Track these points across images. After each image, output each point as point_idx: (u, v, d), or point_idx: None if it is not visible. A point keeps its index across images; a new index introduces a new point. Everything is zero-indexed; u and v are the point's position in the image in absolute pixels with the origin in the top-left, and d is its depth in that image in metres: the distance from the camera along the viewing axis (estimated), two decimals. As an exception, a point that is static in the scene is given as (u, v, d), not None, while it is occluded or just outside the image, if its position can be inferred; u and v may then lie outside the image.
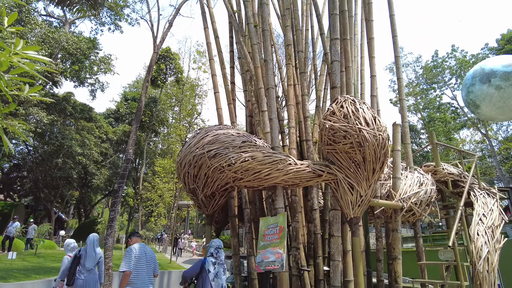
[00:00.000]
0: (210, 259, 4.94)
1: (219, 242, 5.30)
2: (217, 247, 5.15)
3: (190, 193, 6.82)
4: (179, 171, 6.66)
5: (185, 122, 27.89)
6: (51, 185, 24.89)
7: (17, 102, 15.94)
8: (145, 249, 5.07)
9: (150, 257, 5.07)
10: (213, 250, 5.11)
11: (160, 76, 26.50)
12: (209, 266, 4.81)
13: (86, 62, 23.77)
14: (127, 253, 4.87)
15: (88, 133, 24.18)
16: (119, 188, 10.04)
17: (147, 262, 4.97)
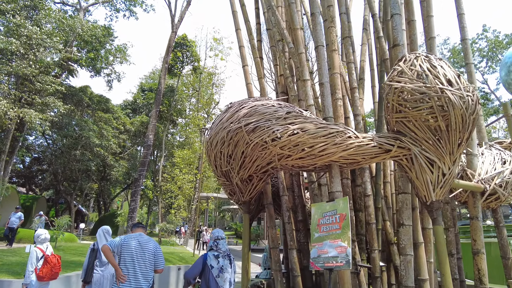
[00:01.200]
0: (211, 253, 4.25)
1: (219, 232, 4.61)
2: (215, 238, 4.42)
3: (221, 177, 5.92)
4: (209, 151, 5.76)
5: (203, 113, 27.15)
6: (70, 178, 24.70)
7: (33, 91, 15.46)
8: (142, 239, 4.24)
9: (147, 249, 4.20)
10: (212, 243, 4.40)
11: (177, 65, 25.73)
12: (211, 261, 4.14)
13: (102, 51, 23.25)
14: (117, 238, 4.21)
15: (106, 124, 23.74)
16: (139, 176, 9.33)
17: (141, 255, 4.12)
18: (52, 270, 5.05)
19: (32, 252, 5.07)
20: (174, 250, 16.17)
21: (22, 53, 14.56)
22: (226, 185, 6.13)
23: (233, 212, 57.92)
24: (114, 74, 25.95)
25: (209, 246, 4.40)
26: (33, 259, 4.98)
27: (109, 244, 4.01)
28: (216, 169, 5.76)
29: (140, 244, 4.14)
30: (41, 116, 14.79)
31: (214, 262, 4.10)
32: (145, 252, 4.13)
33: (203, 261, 4.11)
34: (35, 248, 5.17)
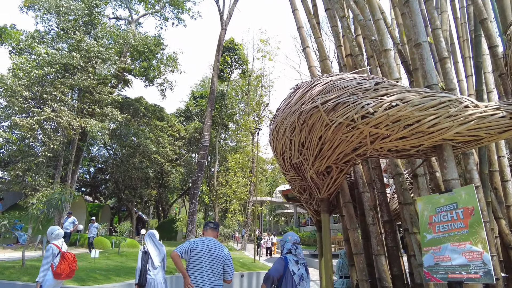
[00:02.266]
0: (291, 257, 3.72)
1: (297, 236, 4.06)
2: (294, 242, 3.90)
3: (290, 172, 5.13)
4: (274, 142, 5.01)
5: (254, 116, 26.75)
6: (130, 186, 25.68)
7: (93, 102, 16.12)
8: (212, 245, 3.78)
9: (216, 256, 3.70)
10: (291, 245, 3.85)
11: (226, 69, 25.71)
12: (292, 266, 3.62)
13: (154, 61, 23.96)
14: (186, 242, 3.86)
15: (161, 132, 24.34)
16: (197, 178, 8.96)
17: (210, 263, 3.65)
18: (70, 267, 4.86)
19: (48, 249, 4.83)
20: (233, 256, 15.72)
21: (82, 66, 15.25)
22: (295, 182, 5.32)
23: (288, 217, 56.95)
24: (166, 83, 26.60)
25: (286, 249, 3.81)
26: (49, 256, 4.77)
27: (178, 250, 3.64)
28: (283, 162, 4.99)
29: (210, 250, 3.67)
30: (101, 125, 15.32)
31: (295, 268, 3.57)
32: (215, 259, 3.65)
33: (284, 264, 3.57)
34: (50, 245, 4.95)
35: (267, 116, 27.28)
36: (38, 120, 13.37)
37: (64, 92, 14.65)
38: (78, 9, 16.93)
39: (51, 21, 17.86)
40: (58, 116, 13.67)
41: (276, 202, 42.74)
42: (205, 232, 4.05)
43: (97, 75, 16.79)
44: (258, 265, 12.84)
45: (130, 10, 22.13)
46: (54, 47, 15.90)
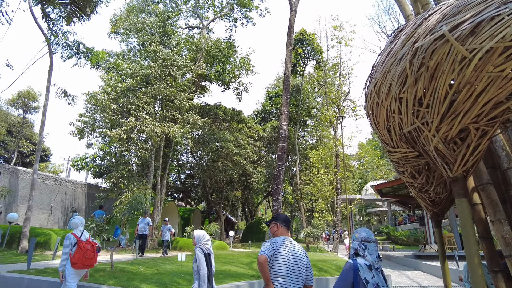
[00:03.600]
0: (362, 261, 2.76)
1: (366, 232, 3.04)
2: (363, 239, 2.88)
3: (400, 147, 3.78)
4: (372, 110, 3.69)
5: (333, 108, 25.01)
6: (217, 189, 26.23)
7: (174, 109, 16.58)
8: (293, 246, 3.21)
9: (301, 260, 3.15)
10: (358, 245, 2.88)
11: (299, 62, 24.61)
12: (364, 273, 2.67)
13: (229, 66, 24.17)
14: (264, 244, 3.19)
15: (240, 134, 24.35)
16: (279, 173, 8.12)
17: (295, 268, 3.09)
18: (85, 256, 4.75)
19: (66, 239, 4.81)
20: (325, 258, 14.43)
21: (160, 74, 15.82)
22: (406, 161, 3.95)
23: (381, 215, 52.71)
24: (241, 86, 26.65)
25: (353, 250, 2.90)
26: (66, 246, 4.76)
27: (266, 253, 3.01)
28: (388, 136, 3.68)
29: (293, 253, 3.08)
30: (183, 130, 15.64)
31: (368, 275, 2.64)
32: (299, 263, 3.08)
33: (353, 272, 2.68)
34: (68, 234, 4.92)
35: (349, 106, 25.26)
36: (125, 130, 14.14)
37: (146, 102, 15.32)
38: (153, 22, 17.75)
39: (132, 38, 19.13)
40: (143, 125, 14.28)
41: (366, 200, 39.63)
42: (279, 229, 3.31)
43: (176, 84, 17.31)
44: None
45: (201, 18, 22.66)
46: (135, 61, 16.86)
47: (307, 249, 21.66)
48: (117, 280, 6.19)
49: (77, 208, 18.91)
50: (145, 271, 7.61)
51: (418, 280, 11.66)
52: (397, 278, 12.19)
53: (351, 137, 28.01)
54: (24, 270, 6.43)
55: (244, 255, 13.31)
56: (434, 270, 12.93)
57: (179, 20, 23.25)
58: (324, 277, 8.96)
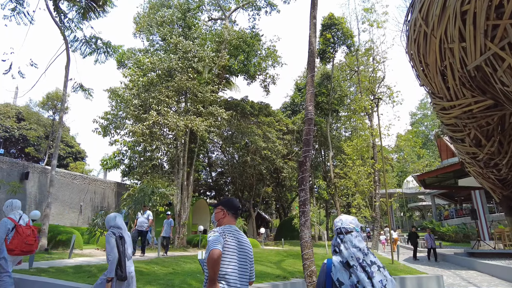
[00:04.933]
0: (336, 259, 2.12)
1: (342, 220, 2.32)
2: (338, 231, 2.25)
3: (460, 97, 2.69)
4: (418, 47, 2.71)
5: (369, 95, 23.31)
6: (247, 185, 25.52)
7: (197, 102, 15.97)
8: (240, 236, 2.68)
9: (247, 252, 2.63)
10: (335, 240, 2.23)
11: (328, 48, 23.17)
12: (338, 273, 2.05)
13: (255, 59, 23.29)
14: (211, 234, 2.54)
15: (269, 127, 23.41)
16: (304, 159, 7.11)
17: (241, 261, 2.54)
18: (24, 242, 4.33)
19: (1, 224, 4.29)
20: (364, 256, 13.12)
21: (181, 66, 15.26)
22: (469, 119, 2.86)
23: (423, 210, 49.47)
24: (269, 78, 25.67)
25: (332, 247, 2.28)
26: (1, 231, 4.23)
27: (218, 245, 2.40)
28: (443, 82, 2.62)
29: (241, 246, 2.60)
30: (206, 123, 14.98)
31: (343, 275, 2.03)
32: (246, 258, 2.61)
33: (326, 273, 2.16)
34: (4, 218, 4.41)
35: (384, 92, 23.44)
36: (148, 125, 13.70)
37: (168, 96, 14.83)
38: (172, 15, 17.27)
39: (154, 34, 18.81)
40: (165, 119, 13.77)
41: (408, 194, 37.16)
42: (226, 217, 2.74)
43: (199, 77, 16.71)
44: (399, 267, 10.01)
45: (223, 9, 21.96)
46: (156, 55, 16.45)
47: (344, 246, 20.25)
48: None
49: (107, 207, 18.92)
50: (159, 271, 6.91)
51: (475, 282, 10.07)
52: (448, 278, 10.66)
53: (389, 125, 26.04)
54: (24, 270, 5.93)
55: (274, 253, 12.37)
56: (493, 269, 11.21)
57: (202, 14, 22.74)
58: (363, 278, 7.82)
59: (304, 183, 7.05)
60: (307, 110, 7.65)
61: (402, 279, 7.71)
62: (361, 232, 20.85)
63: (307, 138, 7.49)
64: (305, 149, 7.28)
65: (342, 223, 2.21)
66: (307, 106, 7.71)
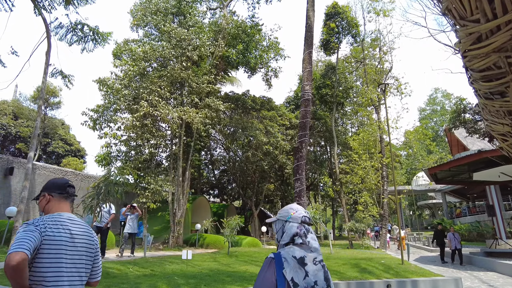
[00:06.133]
0: (290, 253, 1.60)
1: (304, 209, 1.81)
2: (303, 219, 1.71)
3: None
4: None
5: (375, 86, 22.21)
6: (249, 182, 24.62)
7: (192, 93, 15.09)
8: (74, 226, 1.91)
9: (83, 247, 1.92)
10: (297, 227, 1.71)
11: (332, 38, 22.10)
12: (292, 271, 1.54)
13: (256, 52, 22.36)
14: (21, 228, 1.76)
15: (271, 122, 22.45)
16: (300, 145, 6.19)
17: (73, 259, 1.84)
18: None
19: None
20: (372, 255, 12.07)
21: (174, 55, 14.40)
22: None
23: (433, 208, 47.87)
24: (270, 72, 24.70)
25: (289, 237, 1.68)
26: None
27: (24, 247, 1.62)
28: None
29: (74, 237, 1.85)
30: (201, 115, 14.10)
31: (298, 274, 1.54)
32: (82, 253, 1.89)
33: (276, 269, 1.55)
34: None
35: (392, 84, 22.31)
36: (138, 116, 12.87)
37: (161, 86, 13.98)
38: (166, 2, 16.44)
39: (148, 25, 17.99)
40: (156, 110, 12.93)
41: (417, 191, 35.74)
42: (51, 202, 1.96)
43: (194, 68, 15.84)
44: (409, 268, 8.98)
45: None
46: (149, 44, 15.61)
47: (351, 245, 19.23)
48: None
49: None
50: (132, 273, 6.04)
51: (497, 285, 8.99)
52: (466, 281, 9.59)
53: (397, 118, 24.93)
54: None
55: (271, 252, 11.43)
56: (506, 269, 10.11)
57: (201, 6, 21.86)
58: (368, 281, 6.79)
59: (300, 171, 6.11)
60: (304, 90, 6.71)
61: (414, 282, 6.71)
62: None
63: (303, 121, 6.54)
64: (301, 133, 6.34)
65: (306, 212, 1.75)
66: (304, 86, 6.77)
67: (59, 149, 28.19)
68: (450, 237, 13.67)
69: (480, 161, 13.81)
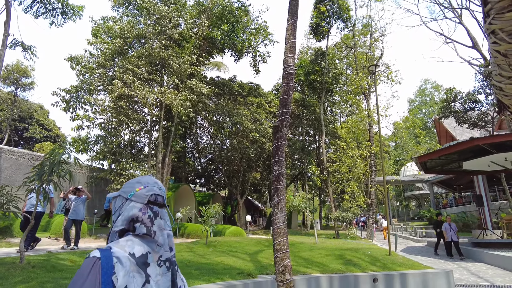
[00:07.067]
0: (127, 246, 1.08)
1: (157, 183, 1.29)
2: (152, 198, 1.21)
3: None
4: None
5: (364, 73, 21.62)
6: (235, 170, 23.95)
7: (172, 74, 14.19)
8: None
9: None
10: (140, 209, 1.19)
11: (323, 22, 21.33)
12: (126, 276, 1.01)
13: (244, 36, 21.43)
14: None
15: (258, 108, 21.71)
16: (281, 123, 5.52)
17: None
18: None
19: None
20: (358, 246, 11.58)
21: (153, 33, 13.46)
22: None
23: (420, 199, 48.15)
24: (258, 57, 23.82)
25: (125, 222, 1.16)
26: None
27: None
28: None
29: None
30: (181, 97, 13.25)
31: (134, 282, 1.03)
32: None
33: (99, 276, 0.97)
34: None
35: (383, 71, 21.74)
36: (112, 97, 11.98)
37: (139, 65, 13.05)
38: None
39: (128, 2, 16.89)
40: (132, 91, 12.04)
41: (405, 182, 35.69)
42: None
43: (176, 48, 14.91)
44: (397, 260, 8.48)
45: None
46: (127, 21, 14.57)
47: (337, 235, 18.84)
48: (4, 280, 3.94)
49: (78, 192, 17.26)
50: (75, 264, 5.34)
51: (486, 276, 8.58)
52: (454, 272, 9.17)
53: (387, 105, 24.44)
54: None
55: (254, 242, 10.82)
56: (504, 262, 9.73)
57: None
58: (352, 274, 6.22)
59: (279, 153, 5.47)
60: (286, 63, 6.04)
61: (402, 276, 6.18)
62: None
63: (285, 98, 5.88)
64: (282, 111, 5.69)
65: (161, 187, 1.27)
66: (287, 59, 6.10)
67: (37, 134, 26.94)
68: (445, 228, 12.36)
69: (470, 150, 13.43)
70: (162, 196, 1.24)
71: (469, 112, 19.83)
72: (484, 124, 19.53)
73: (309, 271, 6.49)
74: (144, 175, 1.32)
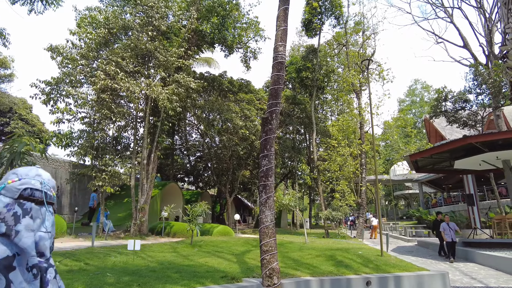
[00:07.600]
0: None
1: (39, 173, 1.14)
2: (25, 192, 1.06)
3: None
4: None
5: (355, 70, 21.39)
6: (225, 168, 23.49)
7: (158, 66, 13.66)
8: None
9: None
10: (8, 205, 1.03)
11: (315, 18, 20.98)
12: None
13: (236, 31, 20.96)
14: None
15: (248, 105, 21.28)
16: (270, 115, 5.09)
17: None
18: None
19: None
20: (349, 246, 11.26)
21: (139, 24, 12.90)
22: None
23: (409, 199, 48.39)
24: (249, 53, 23.37)
25: None
26: None
27: None
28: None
29: None
30: (168, 90, 12.73)
31: None
32: None
33: None
34: None
35: (374, 69, 21.55)
36: (95, 89, 11.40)
37: (124, 57, 12.47)
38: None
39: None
40: (115, 83, 11.48)
41: (395, 181, 35.72)
42: None
43: (163, 40, 14.38)
44: (389, 261, 8.18)
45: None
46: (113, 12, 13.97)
47: (327, 235, 18.56)
48: None
49: (60, 189, 16.61)
50: (58, 267, 4.87)
51: (479, 277, 8.34)
52: (447, 273, 8.92)
53: (379, 102, 24.24)
54: None
55: (242, 242, 10.41)
56: (497, 262, 9.54)
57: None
58: (345, 277, 5.86)
59: (268, 147, 5.06)
60: (277, 52, 5.62)
61: (397, 278, 5.85)
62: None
63: (275, 88, 5.47)
64: (272, 102, 5.27)
65: (43, 182, 1.11)
66: (277, 47, 5.68)
67: (19, 129, 25.96)
68: (444, 228, 11.53)
69: (462, 148, 13.26)
70: (42, 191, 1.07)
71: (460, 111, 19.78)
72: (474, 124, 19.50)
73: (299, 274, 6.12)
74: (30, 166, 1.16)
